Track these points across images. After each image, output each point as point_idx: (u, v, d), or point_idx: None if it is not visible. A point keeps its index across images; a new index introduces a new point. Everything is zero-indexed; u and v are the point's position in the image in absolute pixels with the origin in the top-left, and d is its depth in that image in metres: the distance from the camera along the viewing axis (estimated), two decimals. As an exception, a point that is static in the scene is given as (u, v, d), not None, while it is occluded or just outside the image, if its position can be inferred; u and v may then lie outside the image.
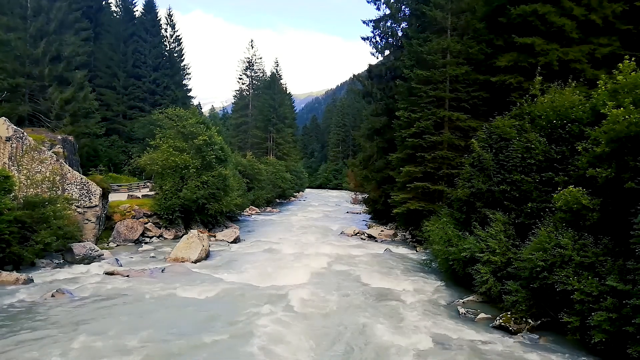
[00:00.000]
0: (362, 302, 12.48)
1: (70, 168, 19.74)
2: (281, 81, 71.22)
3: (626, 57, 10.65)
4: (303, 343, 9.29)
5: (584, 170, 10.15)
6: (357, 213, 41.46)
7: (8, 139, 17.98)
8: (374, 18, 30.12)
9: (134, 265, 16.39)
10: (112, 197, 23.51)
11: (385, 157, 26.32)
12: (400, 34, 29.74)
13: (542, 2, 17.17)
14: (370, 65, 31.94)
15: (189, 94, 53.09)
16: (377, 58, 31.71)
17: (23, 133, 18.49)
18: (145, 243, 21.42)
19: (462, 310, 11.75)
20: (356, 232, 26.98)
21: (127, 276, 14.29)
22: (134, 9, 48.95)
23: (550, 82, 14.46)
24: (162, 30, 49.50)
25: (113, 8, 48.79)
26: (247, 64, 69.64)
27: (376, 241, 24.68)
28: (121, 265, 16.07)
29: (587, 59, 16.97)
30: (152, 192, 25.98)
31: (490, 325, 10.66)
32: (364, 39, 30.55)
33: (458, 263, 13.42)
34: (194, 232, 18.90)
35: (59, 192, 18.18)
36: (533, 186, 12.06)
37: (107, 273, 14.56)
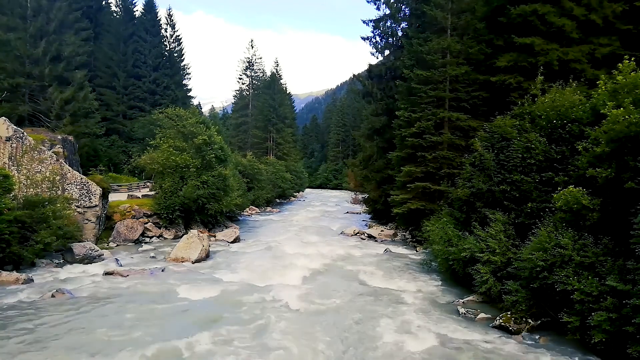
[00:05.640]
0: (362, 302, 12.48)
1: (70, 168, 19.73)
2: (281, 81, 71.33)
3: (626, 57, 10.65)
4: (303, 343, 9.29)
5: (584, 170, 10.14)
6: (357, 213, 41.45)
7: (8, 139, 17.98)
8: (374, 18, 30.16)
9: (134, 265, 16.38)
10: (112, 197, 23.52)
11: (385, 156, 26.32)
12: (400, 34, 29.75)
13: (542, 2, 17.17)
14: (370, 65, 31.93)
15: (189, 94, 53.12)
16: (377, 58, 31.77)
17: (23, 133, 18.48)
18: (145, 243, 21.42)
19: (462, 310, 11.75)
20: (356, 232, 26.97)
21: (127, 276, 14.30)
22: (134, 9, 48.95)
23: (550, 82, 14.46)
24: (162, 30, 49.52)
25: (113, 8, 48.81)
26: (247, 64, 69.76)
27: (376, 241, 24.67)
28: (121, 265, 16.07)
29: (587, 59, 16.97)
30: (152, 192, 25.98)
31: (490, 325, 10.65)
32: (364, 39, 30.59)
33: (458, 263, 13.41)
34: (194, 232, 18.89)
35: (59, 192, 18.19)
36: (533, 186, 12.06)
37: (107, 273, 14.55)
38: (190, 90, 53.57)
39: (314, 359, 8.68)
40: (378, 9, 30.28)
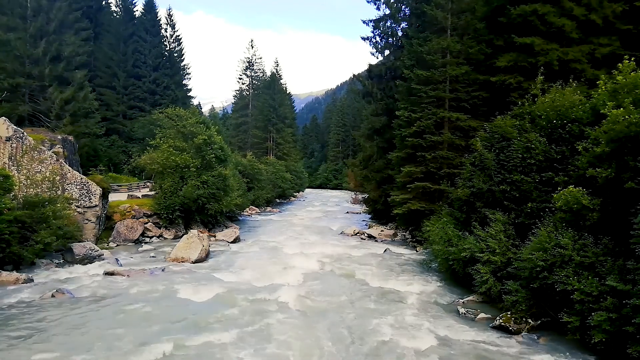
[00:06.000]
0: (362, 302, 12.48)
1: (70, 168, 19.74)
2: (281, 81, 71.39)
3: (626, 57, 10.65)
4: (303, 342, 9.30)
5: (584, 170, 10.14)
6: (357, 213, 41.46)
7: (8, 139, 17.98)
8: (374, 18, 30.17)
9: (133, 265, 16.38)
10: (112, 197, 23.52)
11: (385, 156, 26.33)
12: (400, 34, 29.76)
13: (542, 2, 17.16)
14: (370, 65, 31.94)
15: (189, 94, 53.15)
16: (377, 58, 31.79)
17: (23, 133, 18.49)
18: (145, 243, 21.43)
19: (462, 310, 11.75)
20: (356, 232, 26.98)
21: (127, 276, 14.29)
22: (134, 9, 48.98)
23: (550, 82, 14.46)
24: (162, 30, 49.55)
25: (113, 8, 48.85)
26: (247, 64, 69.80)
27: (376, 241, 24.67)
28: (121, 265, 16.07)
29: (587, 59, 16.96)
30: (152, 192, 25.98)
31: (490, 325, 10.65)
32: (364, 39, 30.60)
33: (458, 263, 13.41)
34: (194, 232, 18.90)
35: (59, 192, 18.18)
36: (533, 186, 12.06)
37: (107, 273, 14.55)
38: (190, 90, 53.64)
39: (315, 358, 8.68)
40: (378, 9, 30.32)
